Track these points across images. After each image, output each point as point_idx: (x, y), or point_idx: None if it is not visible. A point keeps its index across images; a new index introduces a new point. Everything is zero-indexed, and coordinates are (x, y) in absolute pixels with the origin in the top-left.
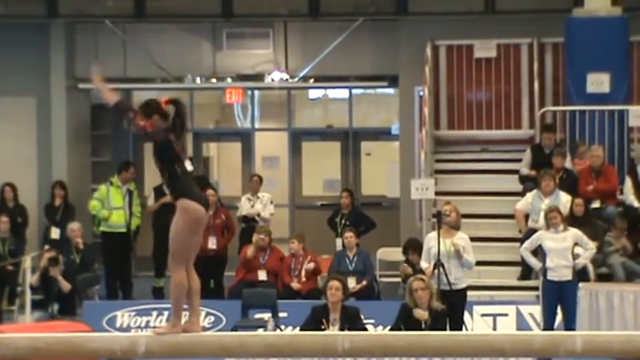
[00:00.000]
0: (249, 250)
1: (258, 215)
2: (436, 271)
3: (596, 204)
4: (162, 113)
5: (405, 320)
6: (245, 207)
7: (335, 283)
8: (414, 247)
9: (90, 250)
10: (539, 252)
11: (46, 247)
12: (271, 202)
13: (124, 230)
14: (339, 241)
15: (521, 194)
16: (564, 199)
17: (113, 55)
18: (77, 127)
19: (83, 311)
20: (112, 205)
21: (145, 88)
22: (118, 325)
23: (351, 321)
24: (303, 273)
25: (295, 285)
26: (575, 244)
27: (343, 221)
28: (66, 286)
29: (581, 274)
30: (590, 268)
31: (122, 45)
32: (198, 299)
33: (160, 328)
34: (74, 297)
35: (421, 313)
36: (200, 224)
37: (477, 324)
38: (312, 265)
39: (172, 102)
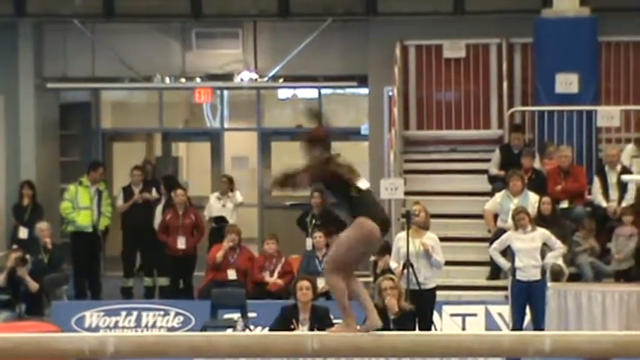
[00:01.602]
0: (218, 255)
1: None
2: (405, 270)
3: (564, 204)
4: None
5: None
6: (215, 207)
7: (305, 283)
8: (381, 248)
9: (58, 249)
10: (508, 252)
11: (14, 246)
12: (241, 203)
13: (90, 230)
14: (309, 241)
15: (490, 194)
16: (533, 199)
17: (82, 55)
18: (45, 127)
19: (51, 311)
20: (80, 205)
21: (113, 88)
22: (86, 325)
23: (321, 321)
24: (276, 273)
25: (269, 279)
26: (544, 244)
27: (314, 221)
28: (34, 286)
29: (555, 274)
30: (566, 271)
31: (91, 45)
32: (368, 297)
33: (335, 328)
34: (42, 297)
35: (392, 302)
36: (372, 245)
37: (445, 324)
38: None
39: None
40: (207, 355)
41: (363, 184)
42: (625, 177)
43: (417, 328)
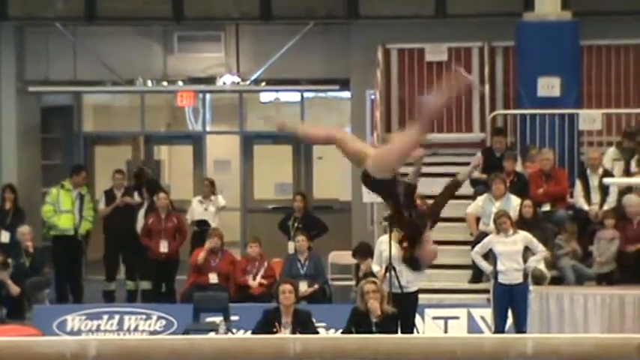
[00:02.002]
0: (200, 257)
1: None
2: (387, 274)
3: (546, 207)
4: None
5: (357, 323)
6: (197, 210)
7: (287, 287)
8: (363, 251)
9: (40, 253)
10: (490, 255)
11: None
12: (223, 207)
13: (71, 234)
14: (291, 245)
15: (473, 197)
16: (515, 203)
17: (63, 58)
18: (27, 130)
19: (33, 315)
20: (61, 209)
21: (95, 91)
22: (68, 329)
23: (303, 324)
24: (259, 276)
25: (252, 282)
26: (526, 247)
27: (296, 225)
28: (15, 289)
29: (536, 278)
30: (548, 275)
31: (72, 48)
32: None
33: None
34: (23, 301)
35: (375, 306)
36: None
37: (428, 327)
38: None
39: None
40: (189, 359)
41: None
42: (607, 180)
43: (399, 331)
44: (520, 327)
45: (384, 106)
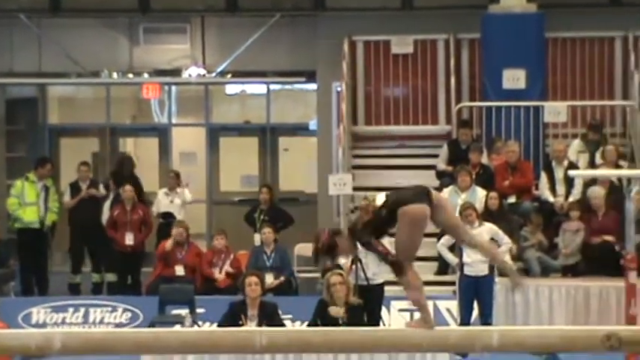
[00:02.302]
0: (168, 243)
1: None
2: (354, 266)
3: (512, 199)
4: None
5: (323, 316)
6: (163, 202)
7: (253, 279)
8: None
9: (5, 246)
10: (455, 247)
11: None
12: (190, 201)
13: (37, 226)
14: (257, 237)
15: (438, 189)
16: (480, 195)
17: (28, 50)
18: None
19: None
20: (26, 201)
21: (60, 83)
22: (33, 321)
23: (269, 317)
24: (225, 269)
25: (218, 276)
26: (492, 238)
27: (262, 217)
28: None
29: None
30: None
31: (37, 40)
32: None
33: (413, 323)
34: None
35: (336, 310)
36: (424, 222)
37: (394, 319)
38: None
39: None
40: (154, 351)
41: (379, 199)
42: (572, 172)
43: (365, 323)
44: (486, 319)
45: (349, 98)
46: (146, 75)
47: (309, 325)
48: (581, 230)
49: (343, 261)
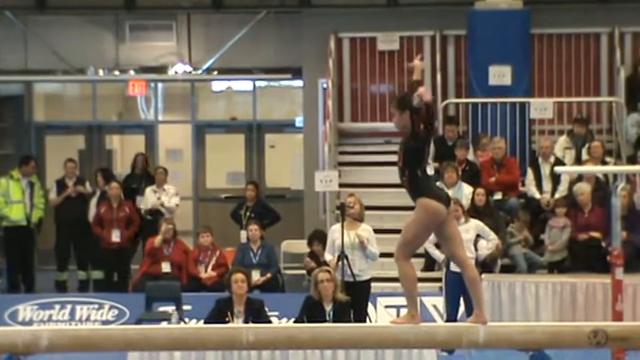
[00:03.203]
0: (157, 240)
1: (162, 205)
2: (340, 262)
3: (498, 196)
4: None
5: (309, 312)
6: (150, 199)
7: (239, 276)
8: (319, 238)
9: None
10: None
11: None
12: (176, 194)
13: (24, 224)
14: (243, 234)
15: None
16: (467, 191)
17: (14, 47)
18: None
19: None
20: (12, 199)
21: (46, 80)
22: (20, 318)
23: (256, 313)
24: (211, 266)
25: (204, 275)
26: (478, 235)
27: (248, 214)
28: None
29: (487, 267)
30: (499, 263)
31: (23, 37)
32: (479, 289)
33: (399, 319)
34: None
35: (327, 294)
36: (438, 225)
37: (380, 315)
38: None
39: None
40: (141, 348)
41: (431, 170)
42: (558, 169)
43: (352, 319)
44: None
45: (335, 95)
46: (132, 72)
47: (295, 322)
48: (567, 227)
49: (329, 258)
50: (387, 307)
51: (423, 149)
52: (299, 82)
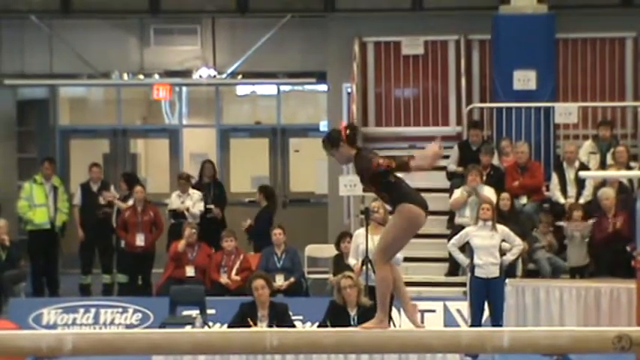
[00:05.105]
0: (180, 244)
1: (187, 210)
2: (364, 267)
3: (522, 200)
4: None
5: (333, 317)
6: (175, 203)
7: (259, 282)
8: (348, 238)
9: (16, 247)
10: (466, 248)
11: None
12: (201, 200)
13: (48, 227)
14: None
15: (449, 190)
16: (489, 194)
17: (39, 51)
18: (3, 124)
19: (9, 308)
20: (35, 203)
21: (71, 84)
22: (44, 322)
23: (280, 318)
24: (235, 270)
25: (224, 280)
26: (503, 240)
27: None
28: None
29: (508, 271)
30: (520, 264)
31: (48, 41)
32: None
33: (367, 324)
34: (0, 294)
35: (352, 299)
36: (418, 227)
37: (404, 320)
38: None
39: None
40: (165, 352)
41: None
42: (582, 173)
43: None
44: (496, 320)
45: (360, 99)
46: (157, 76)
47: (319, 326)
48: (585, 230)
49: (353, 262)
50: None
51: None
52: (323, 87)
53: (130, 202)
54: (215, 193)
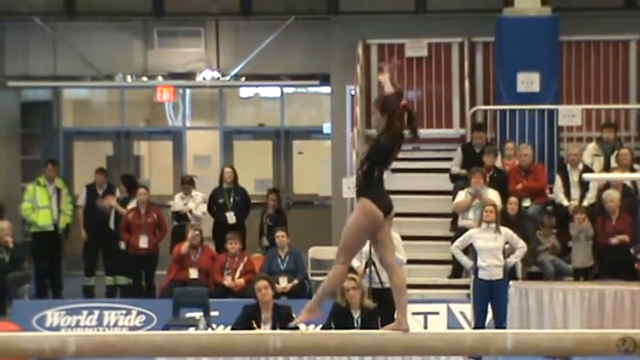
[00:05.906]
0: (184, 246)
1: (190, 212)
2: (368, 269)
3: (526, 203)
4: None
5: (337, 319)
6: (178, 205)
7: (262, 283)
8: None
9: (20, 248)
10: (470, 250)
11: None
12: (204, 202)
13: (51, 229)
14: (264, 241)
15: (452, 193)
16: (493, 197)
17: (43, 53)
18: (6, 125)
19: (12, 310)
20: (39, 205)
21: (74, 86)
22: (47, 324)
23: (283, 320)
24: (238, 272)
25: (228, 282)
26: (506, 242)
27: (267, 221)
28: None
29: (510, 273)
30: (520, 266)
31: (52, 43)
32: (404, 296)
33: (297, 317)
34: (4, 296)
35: (355, 301)
36: (374, 229)
37: (408, 322)
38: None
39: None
40: (169, 354)
41: (388, 174)
42: (586, 176)
43: (379, 326)
44: (500, 322)
45: (363, 101)
46: (160, 78)
47: (323, 329)
48: (587, 232)
49: (356, 264)
50: (414, 313)
51: (391, 151)
52: (327, 89)
53: (130, 206)
54: (235, 199)
